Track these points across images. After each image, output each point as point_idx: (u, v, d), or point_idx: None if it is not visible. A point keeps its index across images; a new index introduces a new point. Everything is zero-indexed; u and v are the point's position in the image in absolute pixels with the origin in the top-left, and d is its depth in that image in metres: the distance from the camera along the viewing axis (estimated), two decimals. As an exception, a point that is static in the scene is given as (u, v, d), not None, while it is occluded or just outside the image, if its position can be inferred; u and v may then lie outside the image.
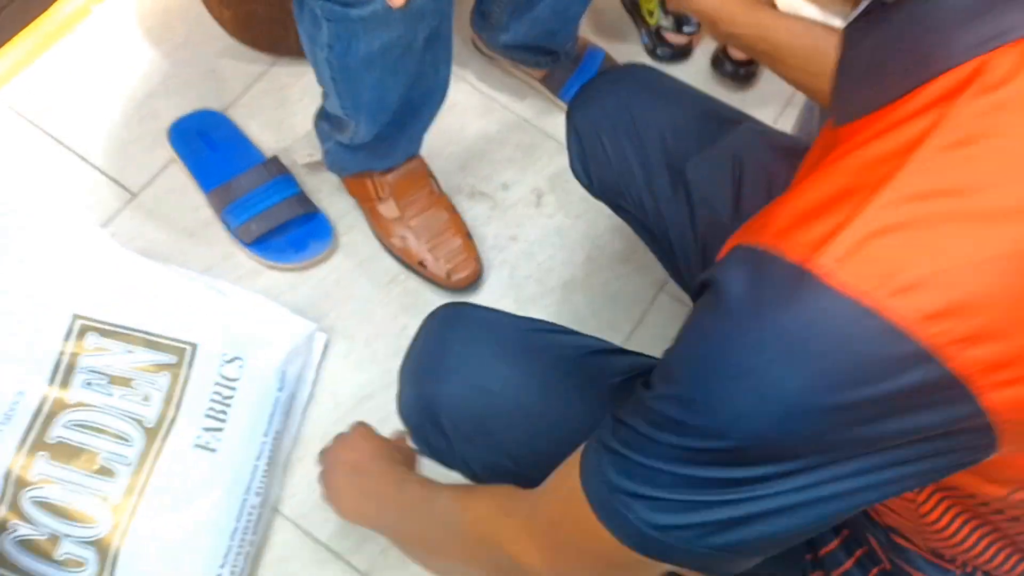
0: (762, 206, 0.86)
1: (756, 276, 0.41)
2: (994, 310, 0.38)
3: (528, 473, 0.69)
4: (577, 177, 0.96)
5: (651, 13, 1.35)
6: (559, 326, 0.83)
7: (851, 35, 0.47)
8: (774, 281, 0.40)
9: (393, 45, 0.84)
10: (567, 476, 0.52)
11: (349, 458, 0.86)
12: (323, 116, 1.13)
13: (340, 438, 0.90)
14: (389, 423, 1.11)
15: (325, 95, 1.03)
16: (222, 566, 0.94)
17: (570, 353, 0.77)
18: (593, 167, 0.93)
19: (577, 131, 0.93)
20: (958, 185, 0.38)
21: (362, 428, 0.91)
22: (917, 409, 0.40)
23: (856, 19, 0.46)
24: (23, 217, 0.98)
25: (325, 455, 0.90)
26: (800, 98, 1.27)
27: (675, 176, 0.87)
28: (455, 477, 0.83)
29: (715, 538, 0.46)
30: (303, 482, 1.07)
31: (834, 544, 0.66)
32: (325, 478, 0.89)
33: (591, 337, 0.81)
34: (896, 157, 0.39)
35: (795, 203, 0.42)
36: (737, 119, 0.91)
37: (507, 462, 0.74)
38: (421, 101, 1.04)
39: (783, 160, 0.85)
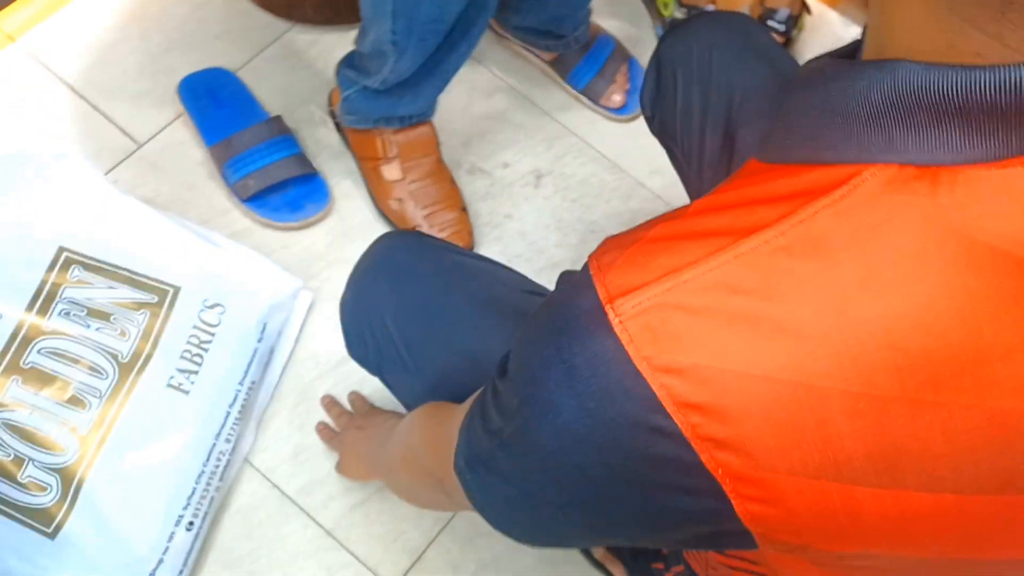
0: None
1: (568, 296, 0.41)
2: (747, 428, 0.36)
3: (439, 394, 0.75)
4: (642, 108, 0.96)
5: (666, 5, 1.36)
6: (504, 266, 0.87)
7: (804, 74, 0.43)
8: (578, 308, 0.40)
9: None
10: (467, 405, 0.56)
11: (354, 431, 1.00)
12: (349, 63, 1.12)
13: (348, 421, 1.04)
14: (367, 384, 1.12)
15: (366, 32, 1.02)
16: (185, 507, 0.95)
17: (510, 286, 0.82)
18: (660, 103, 0.92)
19: (659, 63, 0.92)
20: (772, 291, 0.36)
21: (355, 396, 1.04)
22: (675, 488, 0.39)
23: (814, 60, 0.44)
24: (24, 153, 1.00)
25: (341, 438, 1.04)
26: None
27: (727, 140, 0.86)
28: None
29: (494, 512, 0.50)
30: (276, 436, 1.08)
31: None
32: (340, 448, 1.03)
33: (532, 281, 0.85)
34: (735, 234, 0.38)
35: (644, 239, 0.42)
36: None
37: (420, 380, 0.80)
38: (473, 19, 1.03)
39: None
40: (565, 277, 0.48)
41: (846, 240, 0.36)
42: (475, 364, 0.77)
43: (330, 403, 1.08)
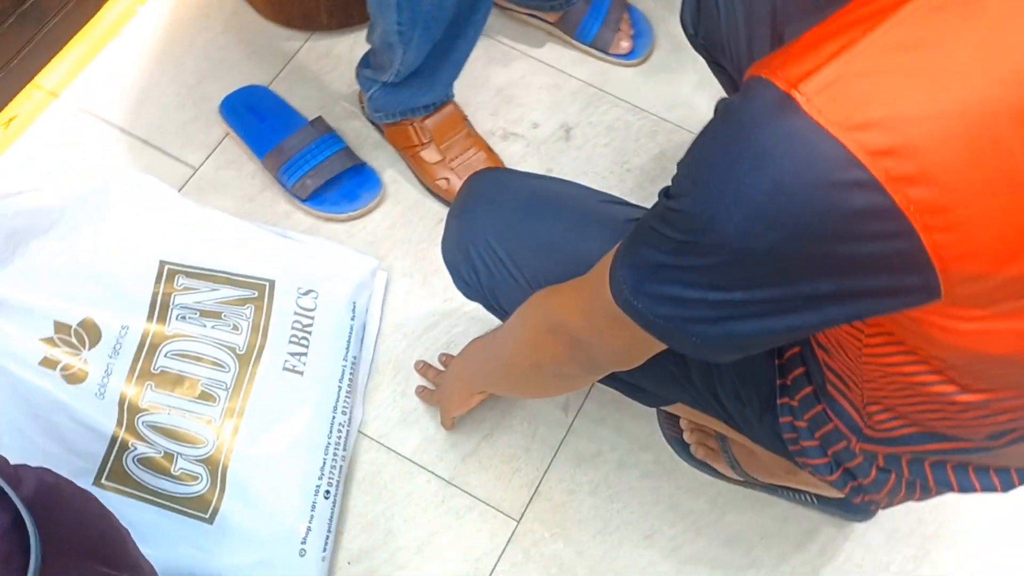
0: None
1: (749, 98, 0.47)
2: (933, 159, 0.43)
3: None
4: (684, 27, 1.02)
5: None
6: (602, 193, 0.93)
7: None
8: (762, 102, 0.46)
9: None
10: (600, 268, 0.62)
11: (449, 367, 1.08)
12: (365, 63, 1.21)
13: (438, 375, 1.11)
14: (455, 345, 1.20)
15: (374, 27, 1.09)
16: (320, 478, 1.02)
17: (590, 199, 0.89)
18: (703, 18, 0.98)
19: None
20: (931, 42, 0.43)
21: (445, 357, 1.11)
22: (866, 237, 0.45)
23: None
24: (109, 188, 1.08)
25: (438, 389, 1.12)
26: None
27: (775, 40, 0.90)
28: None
29: (666, 309, 0.54)
30: (383, 406, 1.15)
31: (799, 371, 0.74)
32: (439, 394, 1.10)
33: (605, 193, 0.92)
34: (884, 12, 0.44)
35: (799, 44, 0.48)
36: None
37: (533, 290, 0.84)
38: (467, 16, 1.10)
39: None
40: (723, 101, 0.53)
41: None
42: (577, 263, 0.83)
43: (424, 367, 1.16)
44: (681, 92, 1.40)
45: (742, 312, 0.52)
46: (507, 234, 0.85)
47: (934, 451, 0.69)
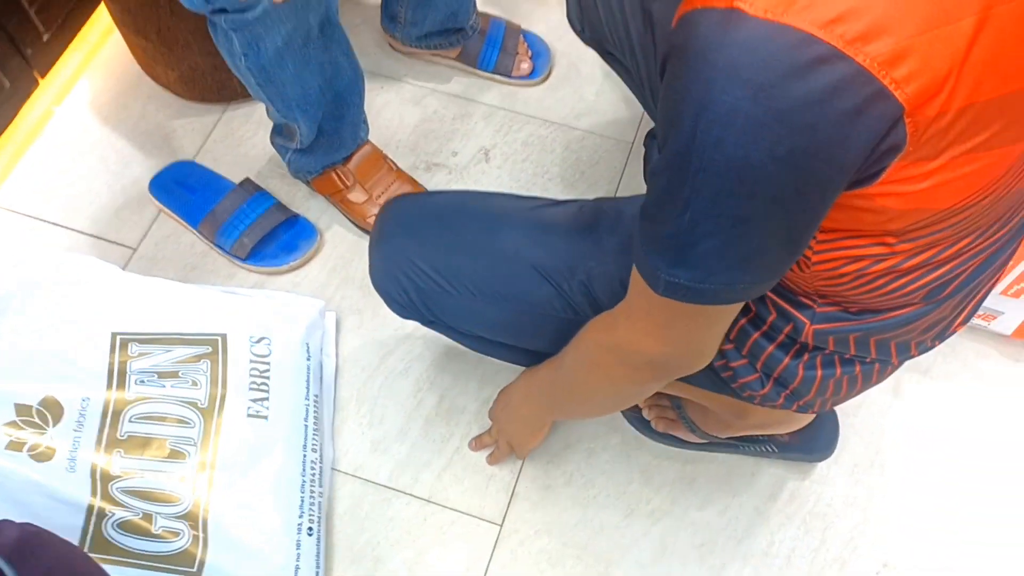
0: None
1: (696, 30, 0.50)
2: (877, 9, 0.47)
3: (487, 295, 0.86)
4: (572, 24, 1.10)
5: None
6: (510, 194, 1.00)
7: None
8: (709, 26, 0.49)
9: (292, 37, 0.98)
10: (632, 285, 0.65)
11: (506, 408, 1.08)
12: (275, 132, 1.28)
13: (497, 403, 1.11)
14: (412, 370, 1.23)
15: (267, 108, 1.18)
16: (301, 516, 1.04)
17: (494, 198, 0.96)
18: (585, 15, 1.07)
19: None
20: None
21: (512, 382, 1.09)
22: (846, 112, 0.48)
23: None
24: (55, 270, 1.10)
25: (495, 428, 1.12)
26: None
27: (646, 18, 1.00)
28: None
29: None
30: (352, 439, 1.18)
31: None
32: (506, 435, 1.11)
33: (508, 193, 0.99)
34: None
35: None
36: None
37: (463, 295, 0.89)
38: (346, 91, 1.18)
39: None
40: (670, 39, 0.55)
41: None
42: (497, 256, 0.90)
43: (477, 441, 1.17)
44: (585, 101, 1.48)
45: (772, 230, 0.55)
46: (426, 249, 0.91)
47: (874, 326, 0.73)
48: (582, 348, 0.82)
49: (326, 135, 1.22)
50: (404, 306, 0.96)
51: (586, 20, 1.10)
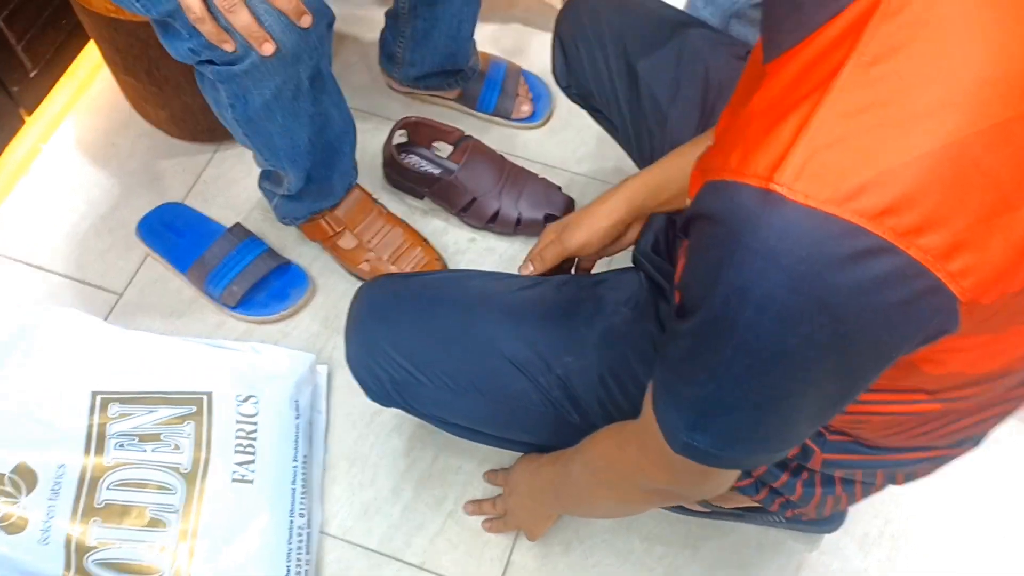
0: (695, 102, 0.97)
1: (731, 205, 0.46)
2: (929, 201, 0.43)
3: (460, 388, 0.84)
4: (557, 81, 1.09)
5: None
6: (490, 273, 0.98)
7: None
8: (746, 206, 0.45)
9: (282, 90, 0.94)
10: (647, 412, 0.62)
11: (514, 495, 1.03)
12: (262, 176, 1.24)
13: (507, 481, 1.06)
14: (404, 427, 1.19)
15: (254, 154, 1.14)
16: (285, 587, 0.99)
17: (474, 282, 0.93)
18: (571, 71, 1.05)
19: (560, 40, 1.06)
20: (882, 96, 0.43)
21: (520, 461, 1.03)
22: (896, 301, 0.45)
23: None
24: (33, 326, 1.06)
25: (500, 503, 1.07)
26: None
27: (631, 75, 0.99)
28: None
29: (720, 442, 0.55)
30: (342, 501, 1.13)
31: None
32: (516, 520, 1.06)
33: (494, 272, 0.96)
34: (824, 82, 0.45)
35: (744, 135, 0.49)
36: (692, 24, 1.02)
37: (435, 387, 0.87)
38: (337, 140, 1.14)
39: (721, 58, 0.97)
40: (697, 203, 0.51)
41: (911, 30, 0.44)
42: (470, 347, 0.88)
43: (475, 506, 1.12)
44: (587, 145, 1.44)
45: (802, 407, 0.52)
46: (400, 339, 0.88)
47: (888, 463, 0.70)
48: (590, 462, 0.79)
49: (315, 182, 1.18)
50: (381, 396, 0.93)
51: (572, 76, 1.09)
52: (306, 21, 0.86)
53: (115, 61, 1.29)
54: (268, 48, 0.85)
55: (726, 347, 0.49)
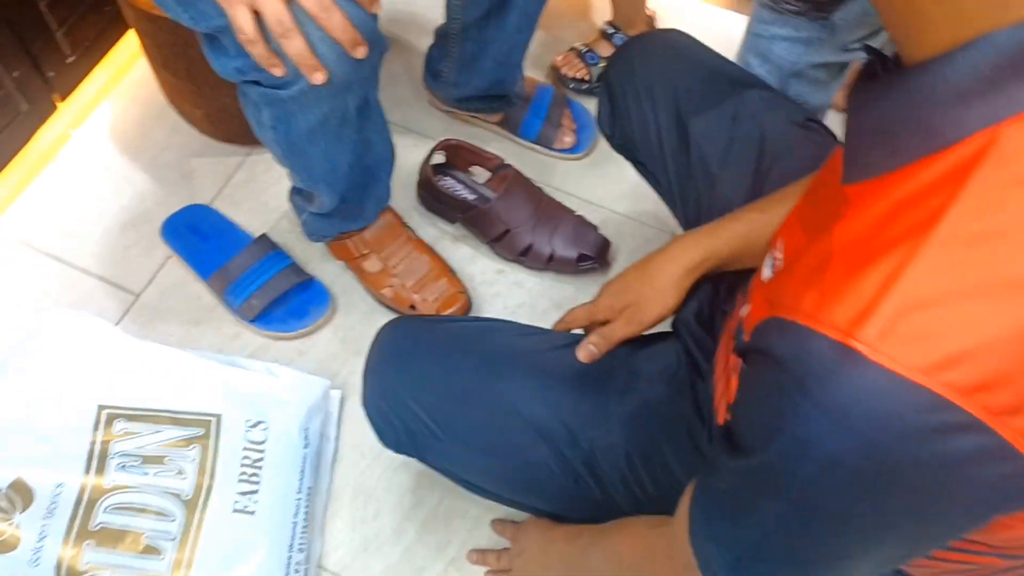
0: (749, 167, 0.92)
1: (802, 354, 0.42)
2: None
3: (474, 450, 0.80)
4: (602, 129, 1.04)
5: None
6: (495, 319, 0.94)
7: (857, 96, 0.48)
8: (819, 359, 0.41)
9: (328, 118, 0.90)
10: (680, 523, 0.58)
11: (523, 557, 0.97)
12: (294, 191, 1.21)
13: (516, 538, 1.00)
14: (411, 465, 1.16)
15: (288, 172, 1.10)
16: (278, 624, 0.96)
17: (503, 335, 0.88)
18: (617, 121, 1.01)
19: (609, 87, 1.01)
20: (985, 256, 0.39)
21: (532, 519, 0.98)
22: (977, 478, 0.41)
23: (861, 80, 0.49)
24: (39, 330, 1.03)
25: (512, 559, 1.00)
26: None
27: (681, 131, 0.94)
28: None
29: None
30: (343, 534, 1.10)
31: None
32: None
33: (525, 325, 0.92)
34: (921, 229, 0.40)
35: (822, 274, 0.44)
36: (749, 84, 0.97)
37: (451, 443, 0.83)
38: (376, 166, 1.11)
39: (779, 123, 0.92)
40: (761, 338, 0.47)
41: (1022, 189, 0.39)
42: (492, 409, 0.83)
43: (479, 556, 1.07)
44: (627, 182, 1.39)
45: (853, 568, 0.48)
46: (419, 390, 0.84)
47: None
48: (612, 557, 0.75)
49: (348, 204, 1.14)
50: (393, 443, 0.90)
51: (617, 126, 1.04)
52: (361, 52, 0.82)
53: (154, 56, 1.26)
54: (319, 77, 0.81)
55: (780, 499, 0.45)
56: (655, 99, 0.98)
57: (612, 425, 0.81)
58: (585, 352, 0.85)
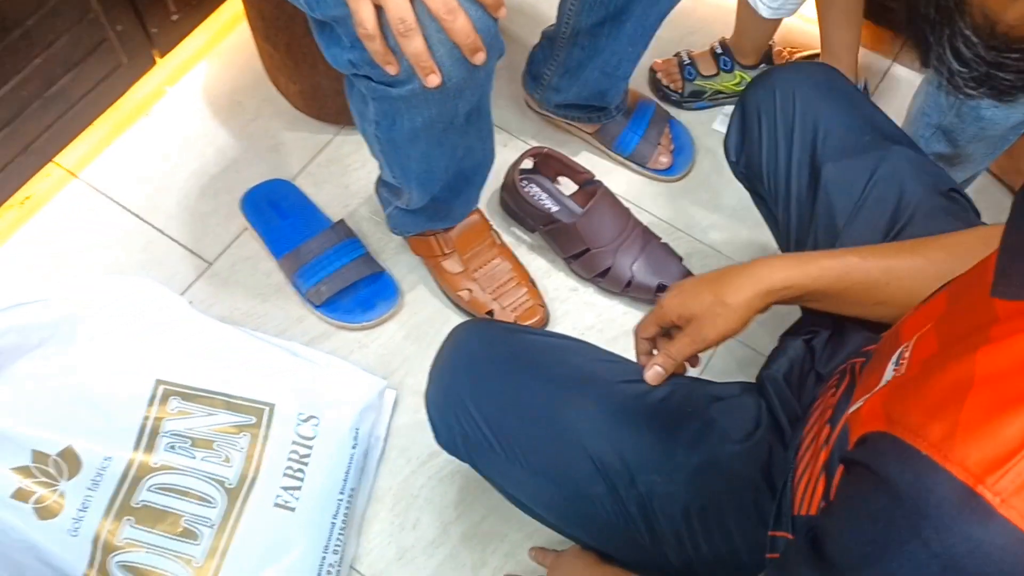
0: (878, 228, 0.85)
1: (921, 488, 0.39)
2: None
3: (529, 471, 0.78)
4: (727, 152, 0.98)
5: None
6: (572, 338, 0.90)
7: (1021, 206, 0.44)
8: (940, 499, 0.37)
9: (435, 121, 0.87)
10: None
11: None
12: (382, 183, 1.17)
13: (555, 567, 0.95)
14: (458, 476, 1.13)
15: (380, 165, 1.07)
16: (304, 625, 0.95)
17: (580, 358, 0.84)
18: (745, 147, 0.95)
19: (744, 109, 0.95)
20: None
21: (574, 550, 0.93)
22: None
23: None
24: (110, 296, 1.03)
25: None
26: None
27: (814, 174, 0.88)
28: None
29: None
30: (378, 539, 1.08)
31: None
32: None
33: (602, 350, 0.88)
34: None
35: (959, 402, 0.40)
36: (895, 139, 0.90)
37: (508, 460, 0.80)
38: (472, 171, 1.07)
39: (920, 189, 0.85)
40: (873, 453, 0.43)
41: None
42: (555, 433, 0.80)
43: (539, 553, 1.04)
44: (721, 212, 1.33)
45: None
46: (484, 400, 0.81)
47: None
48: None
49: (437, 203, 1.11)
50: (449, 445, 0.87)
51: (744, 154, 0.97)
52: (479, 59, 0.77)
53: (257, 26, 1.24)
54: (434, 80, 0.77)
55: None
56: (791, 133, 0.91)
57: (676, 474, 0.77)
58: (652, 374, 0.82)
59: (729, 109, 1.40)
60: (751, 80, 0.99)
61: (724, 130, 1.36)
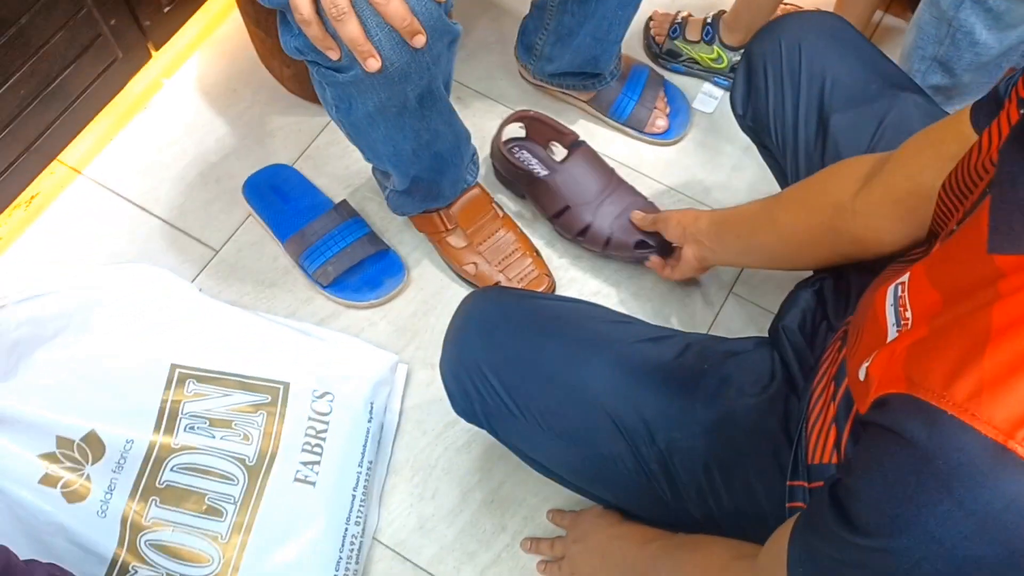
0: None
1: (950, 449, 0.39)
2: None
3: (547, 431, 0.79)
4: (733, 107, 0.99)
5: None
6: (584, 301, 0.92)
7: (1010, 166, 0.44)
8: (971, 458, 0.38)
9: (387, 105, 0.88)
10: (773, 566, 0.54)
11: (584, 554, 0.94)
12: (374, 167, 1.19)
13: (575, 525, 0.97)
14: (474, 445, 1.14)
15: None
16: (331, 595, 0.97)
17: (593, 320, 0.86)
18: (751, 99, 0.95)
19: (749, 62, 0.95)
20: None
21: (596, 510, 0.96)
22: None
23: (1011, 142, 0.44)
24: (121, 284, 1.05)
25: (571, 563, 0.97)
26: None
27: (821, 124, 0.88)
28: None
29: None
30: (398, 510, 1.10)
31: None
32: (573, 568, 0.96)
33: (614, 311, 0.90)
34: None
35: (979, 361, 0.40)
36: (903, 86, 0.90)
37: (526, 421, 0.81)
38: (449, 153, 1.08)
39: None
40: (896, 416, 0.43)
41: None
42: (573, 395, 0.81)
43: (533, 544, 1.06)
44: (719, 173, 1.34)
45: None
46: (501, 364, 0.82)
47: None
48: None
49: (424, 184, 1.11)
50: (467, 412, 0.88)
51: (750, 107, 0.97)
52: (419, 42, 0.78)
53: (248, 12, 1.25)
54: (373, 64, 0.78)
55: None
56: (798, 85, 0.91)
57: (694, 429, 0.78)
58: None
59: (709, 88, 1.40)
60: (756, 33, 0.98)
61: (705, 109, 1.38)
